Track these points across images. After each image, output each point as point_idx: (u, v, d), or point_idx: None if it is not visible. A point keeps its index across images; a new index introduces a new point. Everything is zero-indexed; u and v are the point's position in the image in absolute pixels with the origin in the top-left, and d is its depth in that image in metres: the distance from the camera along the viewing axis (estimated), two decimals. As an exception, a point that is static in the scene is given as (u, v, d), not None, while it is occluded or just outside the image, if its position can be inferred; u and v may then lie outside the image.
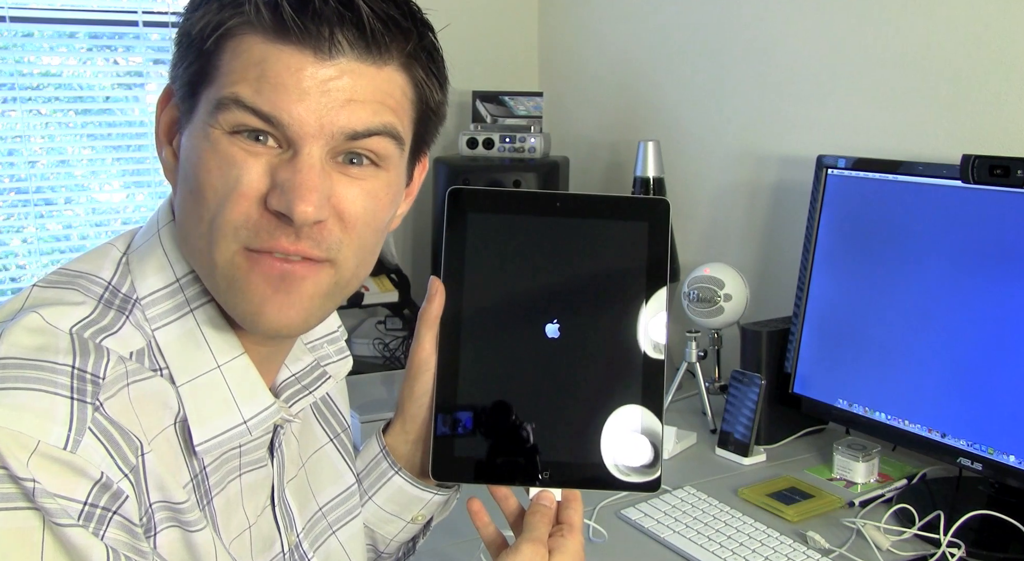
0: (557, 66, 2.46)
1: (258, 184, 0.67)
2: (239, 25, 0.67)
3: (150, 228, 0.75)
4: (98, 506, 0.61)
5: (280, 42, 0.66)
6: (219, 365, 0.72)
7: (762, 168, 1.90)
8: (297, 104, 0.66)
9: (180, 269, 0.73)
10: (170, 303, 0.72)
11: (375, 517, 0.93)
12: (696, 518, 1.31)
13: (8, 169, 2.08)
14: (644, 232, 0.82)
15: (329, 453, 0.91)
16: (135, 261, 0.73)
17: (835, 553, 1.23)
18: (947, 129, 1.56)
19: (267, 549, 0.80)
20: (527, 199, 0.84)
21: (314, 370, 0.84)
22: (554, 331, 0.82)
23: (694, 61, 2.03)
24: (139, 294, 0.72)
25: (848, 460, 1.47)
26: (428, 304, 0.83)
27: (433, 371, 0.83)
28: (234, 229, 0.67)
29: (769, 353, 1.59)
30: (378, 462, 0.92)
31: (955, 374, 1.32)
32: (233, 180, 0.67)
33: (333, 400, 0.94)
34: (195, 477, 0.72)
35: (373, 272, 2.07)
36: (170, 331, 0.71)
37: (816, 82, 1.78)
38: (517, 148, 2.09)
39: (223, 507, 0.75)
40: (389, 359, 2.07)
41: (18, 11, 2.03)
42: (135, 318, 0.70)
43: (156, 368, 0.70)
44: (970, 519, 1.24)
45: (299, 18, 0.65)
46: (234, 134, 0.67)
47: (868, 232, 1.45)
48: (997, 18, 1.47)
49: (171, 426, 0.70)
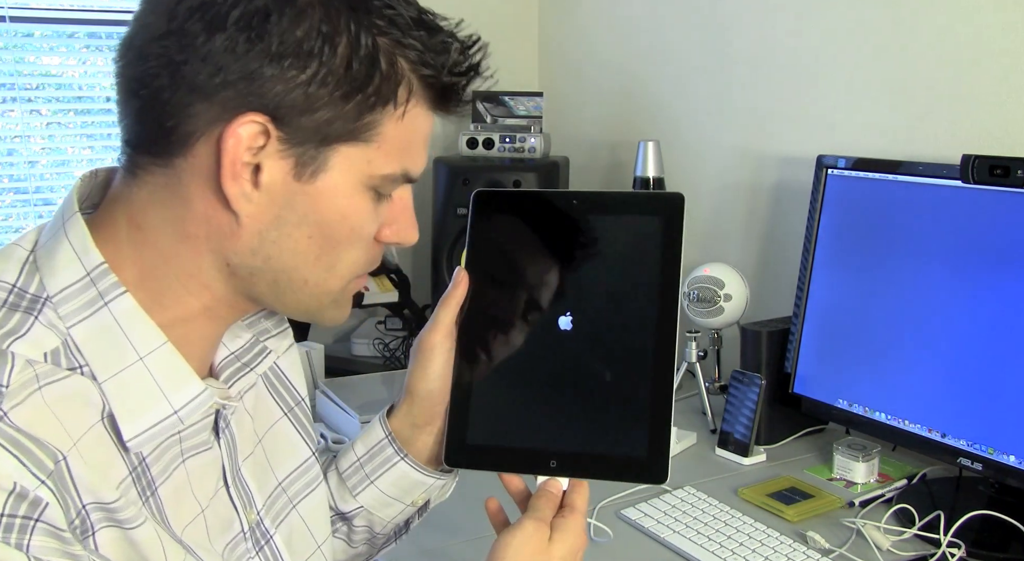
0: (557, 66, 2.46)
1: (378, 227, 0.77)
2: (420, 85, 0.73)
3: (55, 223, 0.72)
4: (17, 516, 0.60)
5: (437, 113, 0.75)
6: (141, 357, 0.70)
7: (762, 168, 1.90)
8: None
9: (89, 261, 0.70)
10: (83, 298, 0.69)
11: (375, 501, 0.94)
12: (696, 518, 1.31)
13: (8, 169, 2.08)
14: (659, 226, 0.83)
15: (284, 427, 0.90)
16: (43, 258, 0.71)
17: (835, 553, 1.23)
18: (947, 129, 1.56)
19: (226, 530, 0.79)
20: (546, 198, 0.88)
21: (254, 346, 0.83)
22: (567, 323, 0.84)
23: (694, 61, 2.03)
24: (49, 292, 0.69)
25: (848, 460, 1.47)
26: (452, 289, 0.88)
27: (444, 355, 0.87)
28: (360, 266, 0.77)
29: (769, 353, 1.59)
30: (383, 447, 0.92)
31: (955, 374, 1.32)
32: (369, 230, 0.75)
33: (284, 373, 0.92)
34: (134, 470, 0.70)
35: (373, 272, 2.08)
36: (86, 327, 0.69)
37: (816, 82, 1.78)
38: (517, 148, 2.09)
39: (171, 495, 0.74)
40: (389, 359, 2.07)
41: (18, 11, 2.03)
42: (46, 317, 0.68)
43: (74, 366, 0.68)
44: (970, 519, 1.24)
45: (459, 102, 0.75)
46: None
47: (868, 232, 1.45)
48: (997, 18, 1.47)
49: (98, 423, 0.68)
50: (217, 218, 0.71)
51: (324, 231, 0.72)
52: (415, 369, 0.88)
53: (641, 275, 0.83)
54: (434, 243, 2.07)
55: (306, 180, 0.70)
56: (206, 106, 0.67)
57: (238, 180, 0.69)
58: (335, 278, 0.76)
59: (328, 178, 0.71)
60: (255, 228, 0.71)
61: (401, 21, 0.70)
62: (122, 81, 0.70)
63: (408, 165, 0.75)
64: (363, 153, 0.71)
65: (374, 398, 1.74)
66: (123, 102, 0.71)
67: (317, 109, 0.68)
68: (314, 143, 0.69)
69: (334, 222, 0.72)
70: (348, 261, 0.75)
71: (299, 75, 0.67)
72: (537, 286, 0.86)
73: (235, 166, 0.68)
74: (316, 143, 0.69)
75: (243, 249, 0.72)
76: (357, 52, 0.68)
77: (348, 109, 0.69)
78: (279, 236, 0.71)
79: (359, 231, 0.74)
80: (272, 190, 0.70)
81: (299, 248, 0.72)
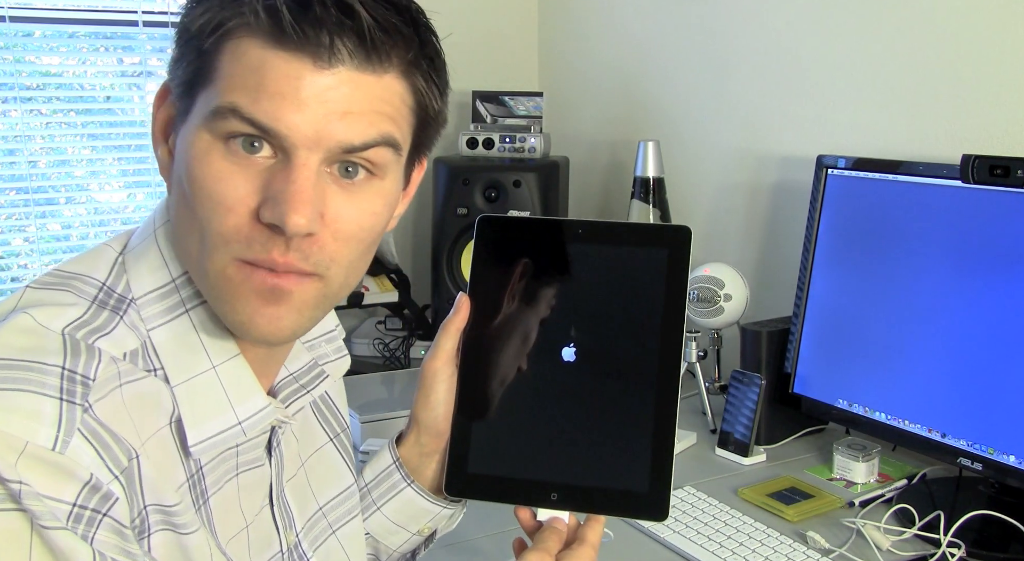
0: (557, 66, 2.46)
1: (249, 199, 0.66)
2: (239, 26, 0.66)
3: (146, 228, 0.75)
4: (88, 508, 0.61)
5: (278, 48, 0.65)
6: (214, 366, 0.72)
7: (762, 168, 1.90)
8: (294, 114, 0.65)
9: (176, 269, 0.72)
10: (165, 303, 0.72)
11: (381, 528, 0.94)
12: (696, 518, 1.31)
13: (8, 169, 2.08)
14: (665, 259, 0.82)
15: (329, 453, 0.91)
16: (131, 261, 0.73)
17: (835, 553, 1.23)
18: (947, 129, 1.56)
19: (265, 548, 0.80)
20: (551, 226, 0.86)
21: (312, 369, 0.84)
22: (570, 354, 0.83)
23: (694, 61, 2.03)
24: (134, 294, 0.71)
25: (848, 460, 1.47)
26: (453, 315, 0.86)
27: (446, 382, 0.85)
28: (225, 241, 0.67)
29: (769, 353, 1.59)
30: (390, 473, 0.92)
31: (955, 374, 1.32)
32: (226, 194, 0.66)
33: (333, 400, 0.94)
34: (191, 477, 0.71)
35: (373, 272, 2.08)
36: (165, 331, 0.71)
37: (816, 82, 1.78)
38: (517, 148, 2.09)
39: (219, 506, 0.75)
40: (389, 359, 2.07)
41: (18, 11, 2.03)
42: (129, 318, 0.70)
43: (151, 369, 0.70)
44: (970, 519, 1.24)
45: (298, 24, 0.64)
46: (229, 139, 0.66)
47: (868, 232, 1.45)
48: (997, 18, 1.47)
49: (166, 427, 0.69)
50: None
51: (182, 190, 0.70)
52: (419, 397, 0.87)
53: (646, 308, 0.82)
54: (434, 243, 2.07)
55: (179, 135, 0.71)
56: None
57: (159, 147, 0.75)
58: (208, 258, 0.68)
59: (185, 128, 0.70)
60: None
61: None
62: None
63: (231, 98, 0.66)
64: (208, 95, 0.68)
65: (374, 398, 1.74)
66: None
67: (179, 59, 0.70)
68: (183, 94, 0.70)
69: (187, 179, 0.69)
70: (213, 234, 0.67)
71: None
72: (540, 315, 0.84)
73: (155, 136, 0.75)
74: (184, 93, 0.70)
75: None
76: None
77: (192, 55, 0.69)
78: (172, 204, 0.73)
79: (206, 191, 0.68)
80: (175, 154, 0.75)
81: (179, 217, 0.71)
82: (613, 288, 0.84)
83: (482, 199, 2.01)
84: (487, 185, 2.01)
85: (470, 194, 2.01)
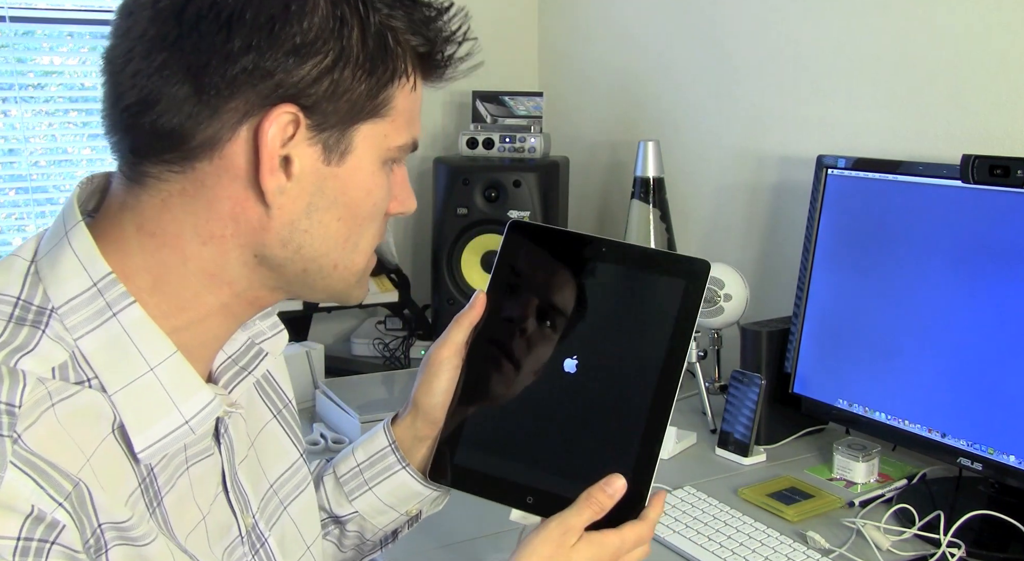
0: (557, 66, 2.46)
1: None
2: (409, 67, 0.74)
3: (56, 232, 0.71)
4: (33, 539, 0.59)
5: (428, 83, 0.77)
6: (152, 367, 0.69)
7: (762, 168, 1.90)
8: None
9: (96, 271, 0.69)
10: (90, 309, 0.68)
11: (371, 508, 0.95)
12: (696, 518, 1.31)
13: (8, 168, 2.08)
14: (680, 290, 0.83)
15: (274, 429, 0.90)
16: (45, 269, 0.69)
17: (835, 553, 1.23)
18: (947, 129, 1.56)
19: (223, 535, 0.79)
20: (578, 240, 0.88)
21: (250, 349, 0.83)
22: (571, 366, 0.85)
23: (694, 61, 2.03)
24: (54, 303, 0.67)
25: (848, 460, 1.47)
26: (468, 310, 0.90)
27: (451, 372, 0.89)
28: (377, 240, 0.79)
29: (769, 353, 1.59)
30: (385, 455, 0.93)
31: (955, 374, 1.32)
32: (384, 202, 0.77)
33: (273, 376, 0.93)
34: (143, 481, 0.70)
35: (373, 272, 2.08)
36: (94, 339, 0.67)
37: (816, 82, 1.78)
38: (517, 148, 2.09)
39: (175, 504, 0.73)
40: (389, 359, 2.07)
41: (18, 11, 2.03)
42: (53, 330, 0.67)
43: (83, 379, 0.67)
44: (970, 519, 1.24)
45: (448, 69, 0.77)
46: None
47: (868, 232, 1.45)
48: (997, 18, 1.47)
49: (109, 435, 0.67)
50: (246, 215, 0.71)
51: (352, 211, 0.74)
52: (421, 382, 0.90)
53: (653, 334, 0.84)
54: (434, 243, 2.07)
55: (335, 163, 0.72)
56: (234, 105, 0.67)
57: (275, 174, 0.69)
58: (360, 256, 0.78)
59: (354, 158, 0.72)
60: (286, 219, 0.71)
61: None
62: (127, 94, 0.68)
63: (415, 133, 0.77)
64: (381, 128, 0.73)
65: (374, 398, 1.74)
66: (131, 115, 0.69)
67: (342, 92, 0.69)
68: (340, 126, 0.71)
69: (360, 200, 0.74)
70: (369, 237, 0.78)
71: (322, 61, 0.68)
72: (550, 325, 0.87)
73: (272, 161, 0.69)
74: (342, 125, 0.71)
75: (273, 241, 0.72)
76: (368, 30, 0.70)
77: (368, 88, 0.71)
78: (310, 224, 0.72)
79: (380, 206, 0.77)
80: (303, 179, 0.71)
81: (329, 232, 0.74)
82: (625, 309, 0.86)
83: (482, 199, 2.01)
84: (487, 185, 2.01)
85: (470, 194, 2.01)
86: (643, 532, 0.83)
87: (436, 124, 2.38)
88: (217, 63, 0.66)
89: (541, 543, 0.80)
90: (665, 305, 0.83)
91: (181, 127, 0.68)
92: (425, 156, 2.30)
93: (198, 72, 0.66)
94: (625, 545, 0.82)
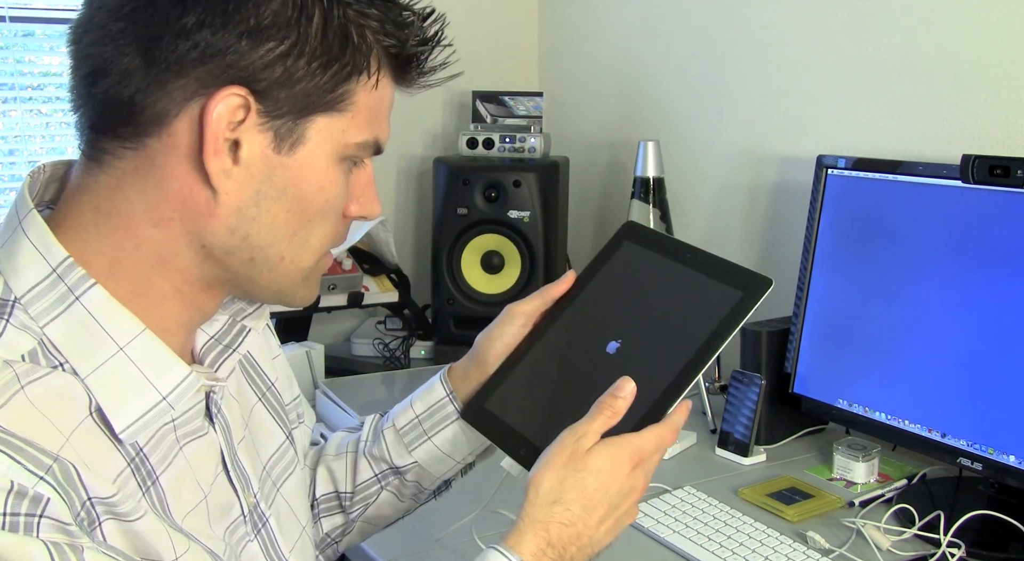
0: (557, 66, 2.46)
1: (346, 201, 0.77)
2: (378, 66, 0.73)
3: (10, 223, 0.71)
4: (20, 514, 0.59)
5: (400, 84, 0.77)
6: (121, 347, 0.69)
7: (762, 168, 1.90)
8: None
9: (53, 257, 0.68)
10: (52, 295, 0.68)
11: (431, 456, 0.98)
12: (696, 518, 1.31)
13: (9, 169, 2.08)
14: (735, 299, 0.86)
15: (260, 412, 0.91)
16: (3, 260, 0.69)
17: (835, 553, 1.23)
18: (947, 129, 1.56)
19: (225, 515, 0.79)
20: (668, 244, 0.96)
21: (232, 327, 0.83)
22: (613, 348, 0.90)
23: (694, 61, 2.03)
24: (16, 293, 0.68)
25: (848, 460, 1.47)
26: (557, 284, 0.97)
27: (518, 329, 0.95)
28: (330, 240, 0.77)
29: (769, 353, 1.59)
30: (443, 405, 0.98)
31: (955, 374, 1.32)
32: (341, 203, 0.76)
33: (255, 358, 0.93)
34: (132, 461, 0.70)
35: (373, 272, 2.08)
36: (60, 324, 0.67)
37: (816, 82, 1.78)
38: (517, 148, 2.09)
39: (173, 484, 0.73)
40: (389, 359, 2.07)
41: (18, 11, 2.03)
42: (17, 319, 0.67)
43: (55, 364, 0.67)
44: (970, 519, 1.24)
45: (423, 68, 0.76)
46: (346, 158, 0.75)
47: (868, 232, 1.45)
48: (997, 18, 1.47)
49: (87, 417, 0.67)
50: (194, 197, 0.70)
51: (302, 205, 0.73)
52: (491, 327, 0.97)
53: (693, 331, 0.86)
54: (434, 243, 2.07)
55: (285, 153, 0.71)
56: (182, 82, 0.67)
57: (219, 156, 0.69)
58: (308, 253, 0.76)
59: (306, 150, 0.71)
60: (234, 205, 0.71)
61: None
62: (84, 63, 0.69)
63: (378, 133, 0.76)
64: (338, 123, 0.72)
65: (374, 398, 1.74)
66: (86, 85, 0.70)
67: (296, 81, 0.69)
68: (292, 115, 0.70)
69: (311, 194, 0.73)
70: (320, 235, 0.76)
71: (277, 47, 0.68)
72: (612, 307, 0.93)
73: (217, 141, 0.68)
74: (294, 115, 0.70)
75: (220, 228, 0.71)
76: (330, 23, 0.69)
77: (325, 80, 0.70)
78: (258, 212, 0.72)
79: (333, 203, 0.75)
80: (251, 165, 0.70)
81: (277, 223, 0.73)
82: (679, 305, 0.90)
83: (482, 199, 2.01)
84: (487, 185, 2.01)
85: (470, 194, 2.01)
86: (664, 434, 0.83)
87: (436, 124, 2.38)
88: (169, 37, 0.66)
89: (556, 453, 0.81)
90: (716, 308, 0.87)
91: (131, 99, 0.68)
92: (425, 156, 2.30)
93: (150, 44, 0.67)
94: (647, 446, 0.82)
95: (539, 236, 1.99)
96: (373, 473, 1.01)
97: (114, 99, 0.68)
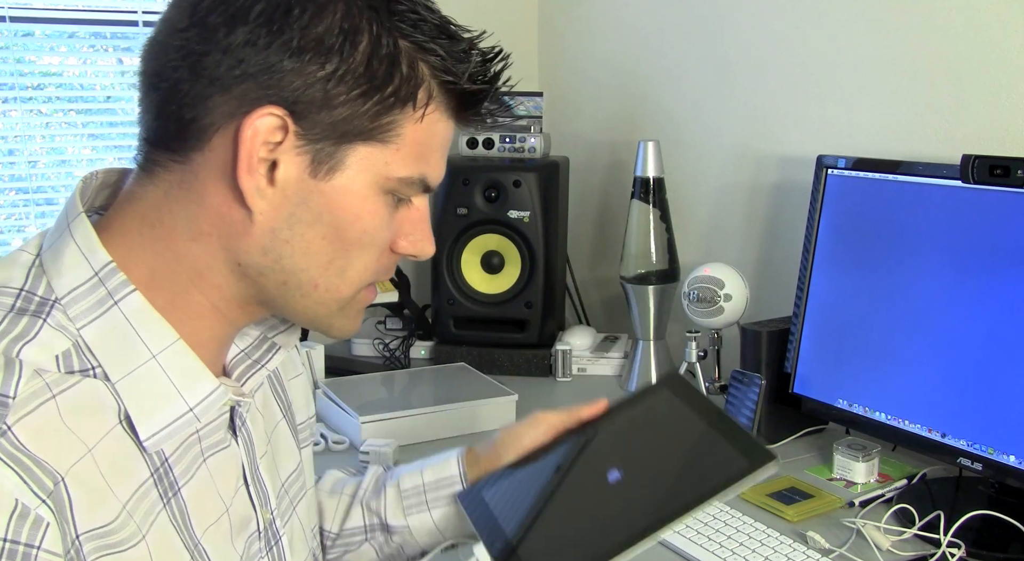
0: (557, 66, 2.46)
1: (390, 236, 0.76)
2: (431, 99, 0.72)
3: (59, 225, 0.72)
4: (20, 543, 0.58)
5: (457, 121, 0.76)
6: (154, 355, 0.69)
7: (762, 168, 1.90)
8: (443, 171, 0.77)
9: (97, 261, 0.69)
10: (92, 298, 0.68)
11: (423, 527, 0.99)
12: (696, 518, 1.31)
13: (8, 169, 2.08)
14: (736, 464, 0.87)
15: (283, 428, 0.91)
16: (49, 261, 0.70)
17: (835, 553, 1.23)
18: (947, 129, 1.56)
19: (243, 529, 0.79)
20: (701, 403, 0.96)
21: (262, 343, 0.83)
22: (613, 478, 0.91)
23: (694, 61, 2.04)
24: (57, 294, 0.68)
25: (848, 460, 1.47)
26: (590, 407, 1.00)
27: (541, 436, 0.98)
28: (372, 274, 0.76)
29: (769, 353, 1.59)
30: (452, 482, 0.99)
31: (955, 374, 1.32)
32: (382, 236, 0.75)
33: (281, 376, 0.93)
34: (156, 471, 0.70)
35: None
36: (96, 327, 0.68)
37: (816, 82, 1.78)
38: (517, 148, 2.09)
39: (195, 496, 0.73)
40: (389, 359, 2.07)
41: (18, 11, 2.03)
42: (55, 319, 0.67)
43: (87, 368, 0.67)
44: (970, 519, 1.24)
45: (478, 111, 0.76)
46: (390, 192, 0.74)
47: (868, 232, 1.45)
48: (997, 18, 1.47)
49: (117, 425, 0.67)
50: (231, 215, 0.71)
51: (338, 232, 0.72)
52: (516, 426, 1.00)
53: (689, 485, 0.87)
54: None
55: (322, 178, 0.70)
56: (224, 98, 0.68)
57: (253, 174, 0.69)
58: (346, 284, 0.75)
59: (344, 177, 0.71)
60: (268, 225, 0.71)
61: (425, 26, 0.71)
62: (144, 77, 0.72)
63: (425, 171, 0.74)
64: (380, 154, 0.71)
65: (374, 398, 1.74)
66: (144, 98, 0.72)
67: (335, 106, 0.68)
68: (331, 140, 0.69)
69: (348, 223, 0.72)
70: (360, 266, 0.75)
71: (318, 71, 0.67)
72: (628, 444, 0.95)
73: (251, 159, 0.68)
74: (333, 140, 0.70)
75: (254, 247, 0.72)
76: (378, 51, 0.69)
77: (367, 108, 0.69)
78: (291, 235, 0.71)
79: (372, 235, 0.74)
80: (287, 187, 0.70)
81: (311, 249, 0.72)
82: (683, 456, 0.92)
83: (482, 199, 2.01)
84: (487, 185, 2.01)
85: (470, 194, 2.01)
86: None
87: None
88: (215, 54, 0.67)
89: None
90: (717, 468, 0.87)
91: (178, 113, 0.69)
92: (425, 156, 2.30)
93: (197, 60, 0.68)
94: None
95: (539, 236, 1.99)
96: (363, 523, 1.02)
97: (164, 112, 0.70)
